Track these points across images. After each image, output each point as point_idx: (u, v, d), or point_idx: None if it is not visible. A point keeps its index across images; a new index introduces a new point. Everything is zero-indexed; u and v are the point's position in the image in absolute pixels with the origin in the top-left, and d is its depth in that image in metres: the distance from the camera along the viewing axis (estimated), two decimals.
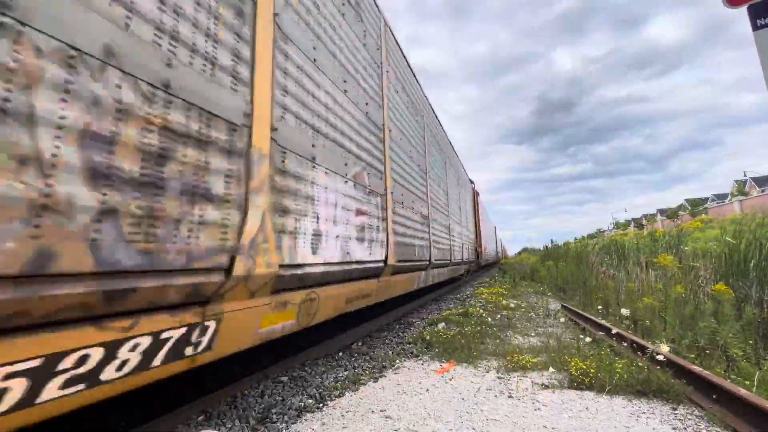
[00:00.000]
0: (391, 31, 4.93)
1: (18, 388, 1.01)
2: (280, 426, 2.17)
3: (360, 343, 4.15)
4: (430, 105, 7.64)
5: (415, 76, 6.33)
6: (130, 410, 2.35)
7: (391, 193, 4.21)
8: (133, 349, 1.29)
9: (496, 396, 2.52)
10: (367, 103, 3.74)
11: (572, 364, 2.80)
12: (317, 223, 2.49)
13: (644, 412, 2.18)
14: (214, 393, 2.50)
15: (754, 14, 2.10)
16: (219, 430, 2.13)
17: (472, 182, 14.23)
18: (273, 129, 2.08)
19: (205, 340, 1.62)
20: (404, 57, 5.64)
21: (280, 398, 2.57)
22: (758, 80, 2.22)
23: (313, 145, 2.54)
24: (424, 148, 6.61)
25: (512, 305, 6.37)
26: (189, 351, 1.54)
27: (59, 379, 1.10)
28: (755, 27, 2.10)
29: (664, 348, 2.63)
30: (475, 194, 14.65)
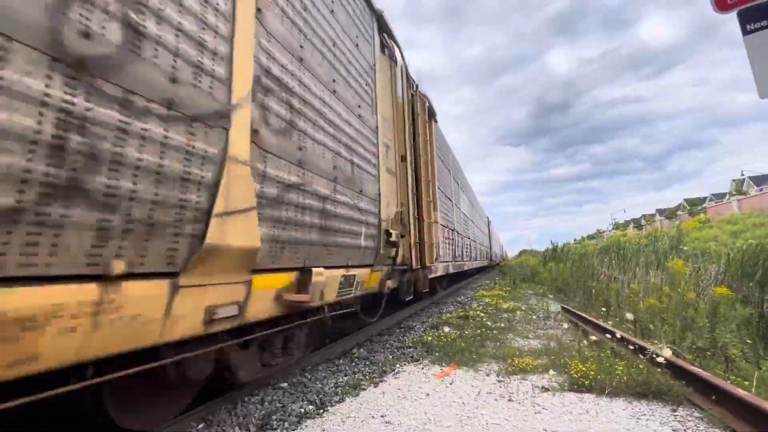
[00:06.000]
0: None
1: None
2: None
3: (360, 348, 4.14)
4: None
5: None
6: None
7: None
8: None
9: (496, 400, 2.52)
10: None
11: (572, 366, 2.80)
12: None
13: (644, 414, 2.18)
14: (214, 400, 2.50)
15: (744, 19, 2.13)
16: None
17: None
18: None
19: None
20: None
21: (281, 405, 2.56)
22: (752, 80, 2.25)
23: None
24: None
25: (512, 308, 6.37)
26: None
27: None
28: (745, 32, 2.12)
29: (667, 352, 2.61)
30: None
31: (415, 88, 6.11)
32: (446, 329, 4.75)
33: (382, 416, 2.32)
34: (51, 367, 1.22)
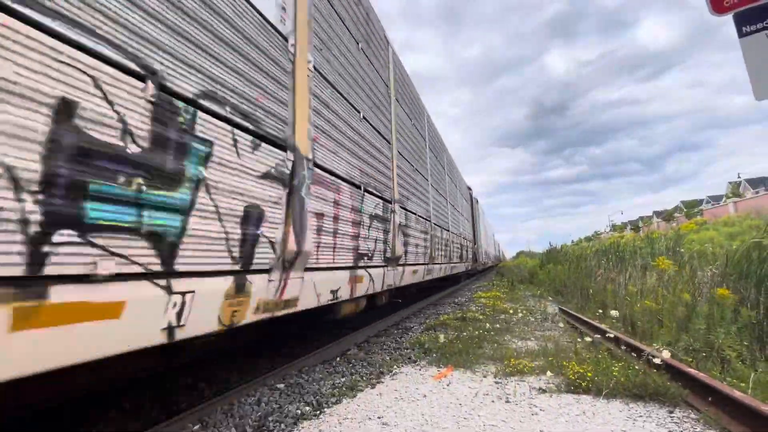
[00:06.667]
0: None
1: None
2: None
3: (357, 349, 4.13)
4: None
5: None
6: (135, 414, 2.33)
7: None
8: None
9: (493, 401, 2.51)
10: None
11: (569, 367, 2.80)
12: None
13: (641, 416, 2.18)
14: (210, 401, 2.49)
15: (740, 21, 2.14)
16: None
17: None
18: None
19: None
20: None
21: (277, 406, 2.55)
22: (748, 82, 2.26)
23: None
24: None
25: (510, 309, 6.37)
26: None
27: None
28: (741, 34, 2.14)
29: (666, 354, 2.60)
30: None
31: None
32: (443, 330, 4.74)
33: (379, 417, 2.32)
34: None
